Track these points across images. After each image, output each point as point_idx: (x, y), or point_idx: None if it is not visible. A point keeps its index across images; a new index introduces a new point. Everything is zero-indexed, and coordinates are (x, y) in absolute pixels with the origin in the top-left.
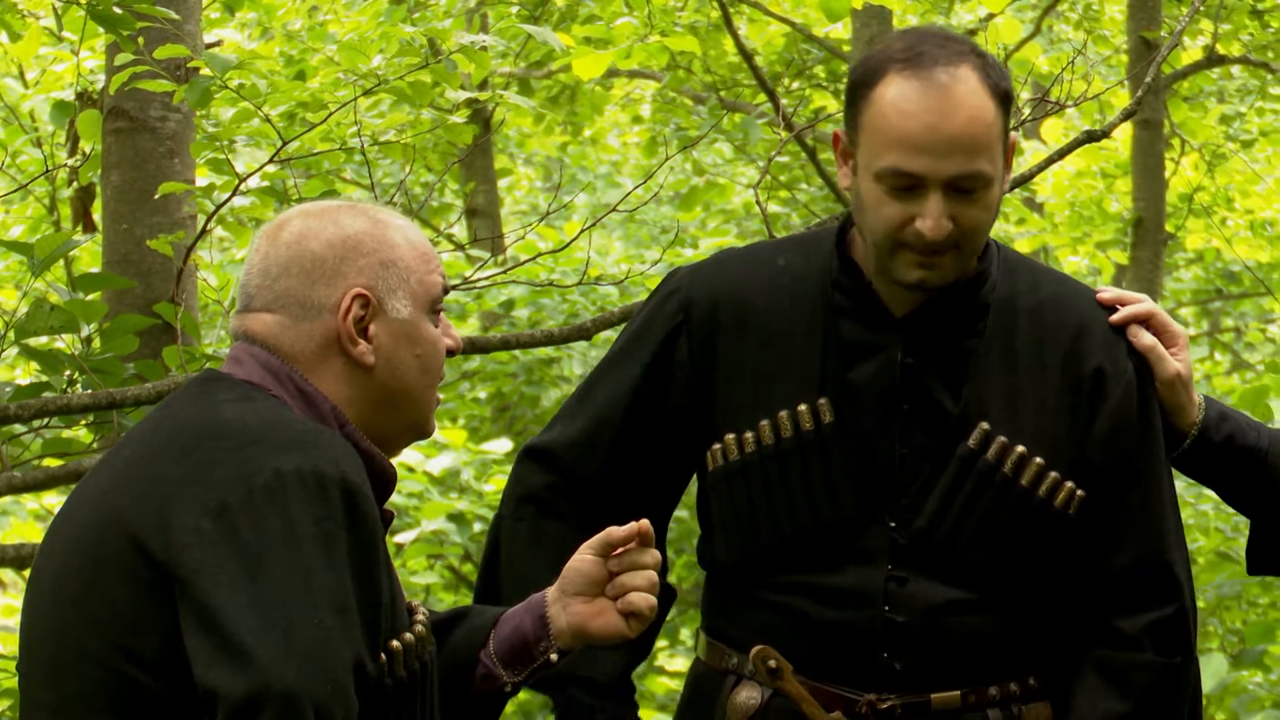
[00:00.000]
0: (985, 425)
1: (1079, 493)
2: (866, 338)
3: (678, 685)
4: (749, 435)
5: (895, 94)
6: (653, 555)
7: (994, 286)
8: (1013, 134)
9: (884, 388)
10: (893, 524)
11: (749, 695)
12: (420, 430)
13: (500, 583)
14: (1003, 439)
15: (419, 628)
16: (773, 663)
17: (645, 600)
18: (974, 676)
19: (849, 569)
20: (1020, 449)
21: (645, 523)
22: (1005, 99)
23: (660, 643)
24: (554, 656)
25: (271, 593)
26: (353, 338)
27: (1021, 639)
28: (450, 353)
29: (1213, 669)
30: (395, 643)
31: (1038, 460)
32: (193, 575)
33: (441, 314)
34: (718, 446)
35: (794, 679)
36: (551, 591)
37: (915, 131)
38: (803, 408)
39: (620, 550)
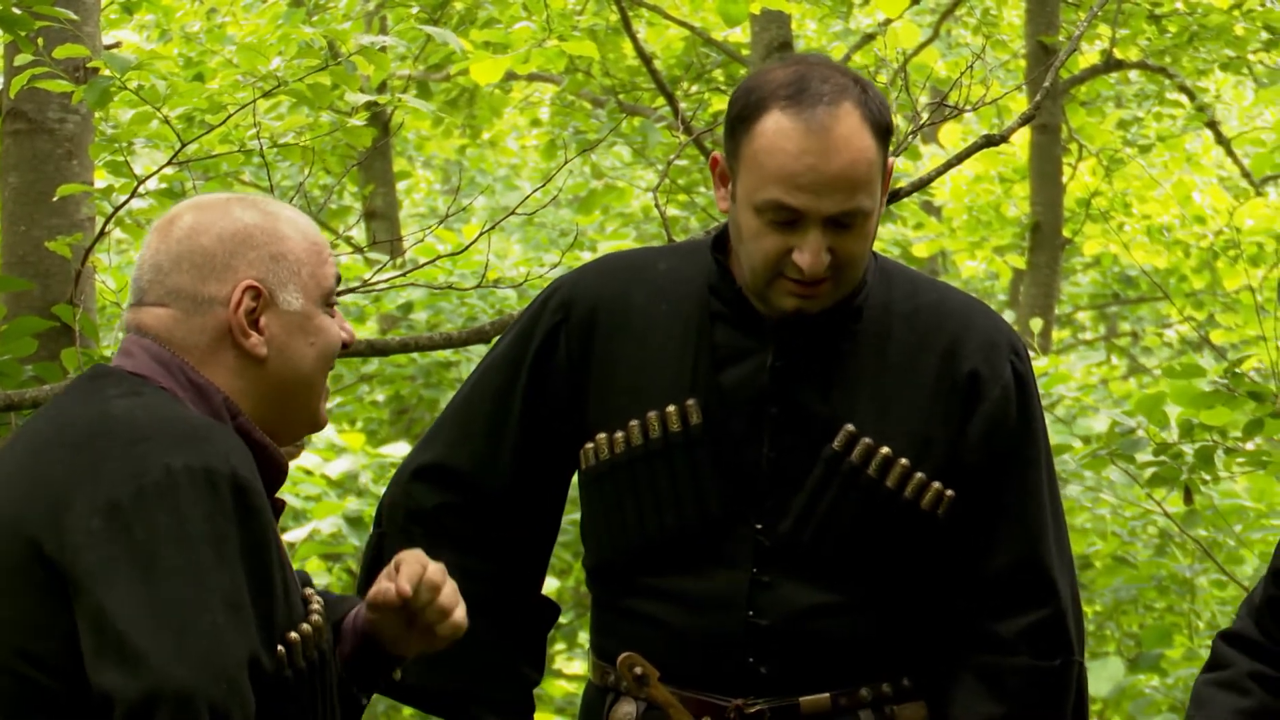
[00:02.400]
0: (851, 427)
1: (948, 493)
2: (740, 343)
3: (575, 689)
4: (619, 435)
5: (777, 131)
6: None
7: (869, 294)
8: (891, 158)
9: (753, 391)
10: (759, 526)
11: (626, 711)
12: (313, 422)
13: None
14: (868, 440)
15: (315, 618)
16: (639, 669)
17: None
18: (844, 678)
19: (714, 573)
20: (885, 450)
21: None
22: (885, 133)
23: (558, 646)
24: (397, 675)
25: (164, 593)
26: (244, 330)
27: (893, 640)
28: (344, 345)
29: (1109, 673)
30: (293, 634)
31: (903, 461)
32: (86, 576)
33: (335, 306)
34: (590, 446)
35: (660, 685)
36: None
37: (797, 171)
38: (671, 409)
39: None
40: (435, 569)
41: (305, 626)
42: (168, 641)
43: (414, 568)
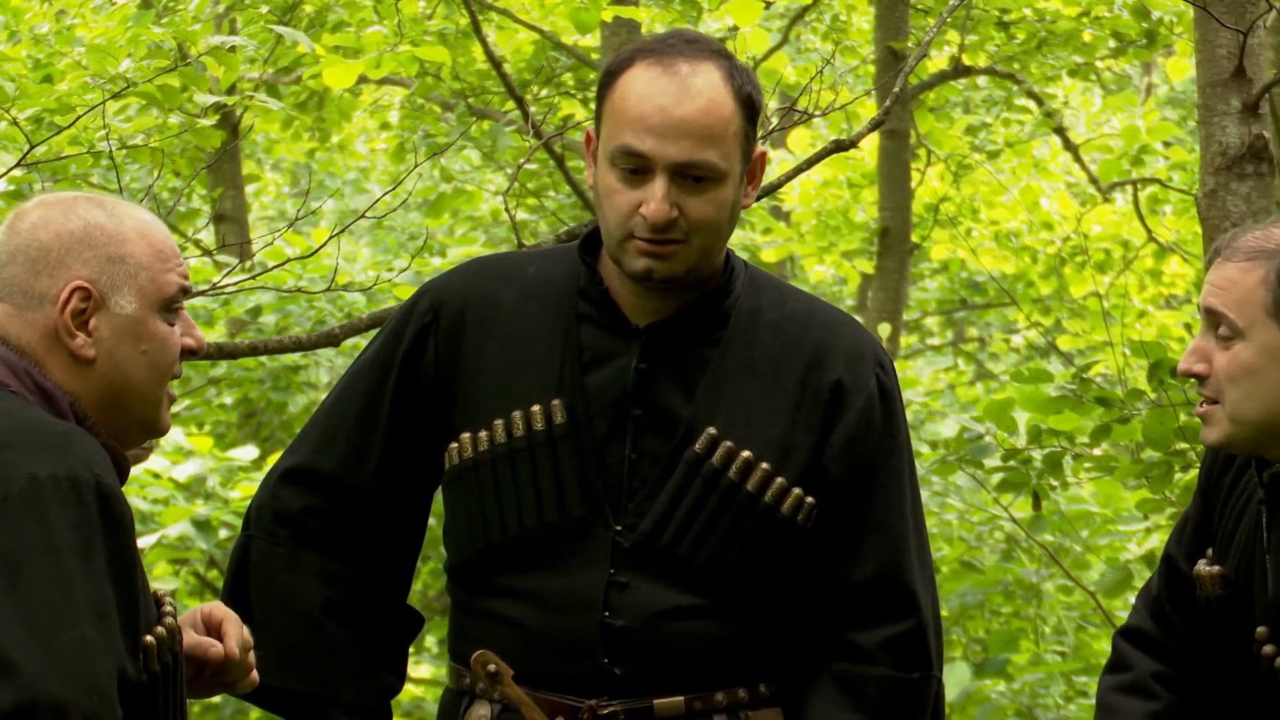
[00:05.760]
0: (712, 430)
1: (808, 500)
2: (606, 345)
3: (422, 692)
4: (483, 434)
5: (636, 79)
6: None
7: (737, 300)
8: (761, 147)
9: (618, 393)
10: (619, 527)
11: (481, 714)
12: (151, 428)
13: (252, 602)
14: (729, 444)
15: (168, 620)
16: (492, 667)
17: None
18: (699, 682)
19: (572, 573)
20: (746, 454)
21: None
22: (749, 105)
23: None
24: None
25: (33, 603)
26: (70, 330)
27: (751, 645)
28: (192, 353)
29: (956, 678)
30: (149, 638)
31: (764, 465)
32: None
33: (182, 313)
34: (454, 445)
35: (513, 684)
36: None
37: (648, 113)
38: (536, 408)
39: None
40: (245, 631)
41: (160, 629)
42: (39, 652)
43: (237, 628)
